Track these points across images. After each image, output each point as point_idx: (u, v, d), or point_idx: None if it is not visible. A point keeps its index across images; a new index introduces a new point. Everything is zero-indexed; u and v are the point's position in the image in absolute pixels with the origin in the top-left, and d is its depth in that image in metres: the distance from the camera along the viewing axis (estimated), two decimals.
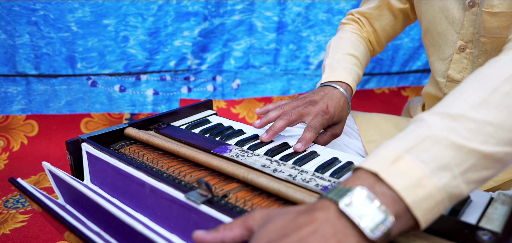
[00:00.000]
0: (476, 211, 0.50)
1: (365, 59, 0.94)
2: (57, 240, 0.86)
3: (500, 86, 0.43)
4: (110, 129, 0.76)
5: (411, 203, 0.37)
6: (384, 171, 0.38)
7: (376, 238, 0.35)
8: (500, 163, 0.42)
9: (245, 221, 0.40)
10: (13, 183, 0.58)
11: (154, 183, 0.55)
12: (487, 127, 0.41)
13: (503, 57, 0.46)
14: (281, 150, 0.70)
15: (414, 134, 0.41)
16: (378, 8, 0.95)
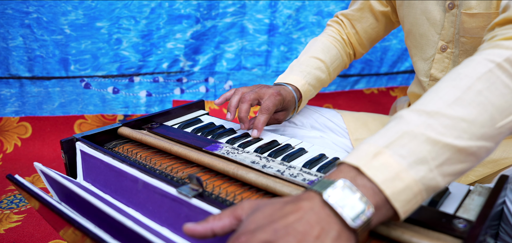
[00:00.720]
0: (454, 202, 0.53)
1: (336, 62, 0.98)
2: (52, 238, 0.87)
3: (473, 85, 0.45)
4: (104, 128, 0.78)
5: (390, 195, 0.40)
6: (365, 165, 0.41)
7: (357, 226, 0.37)
8: (473, 157, 0.44)
9: (234, 211, 0.42)
10: (11, 179, 0.60)
11: (146, 179, 0.57)
12: (461, 123, 0.43)
13: (476, 57, 0.49)
14: (270, 147, 0.72)
15: (393, 130, 0.44)
16: (360, 10, 0.98)
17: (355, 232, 0.38)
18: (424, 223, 0.46)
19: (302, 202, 0.39)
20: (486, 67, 0.46)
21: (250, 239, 0.36)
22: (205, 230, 0.42)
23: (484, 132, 0.44)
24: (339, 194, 0.39)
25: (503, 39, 0.49)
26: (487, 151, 0.46)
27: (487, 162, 0.73)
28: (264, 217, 0.38)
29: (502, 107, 0.45)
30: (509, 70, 0.46)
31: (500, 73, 0.45)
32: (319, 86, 0.94)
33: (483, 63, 0.47)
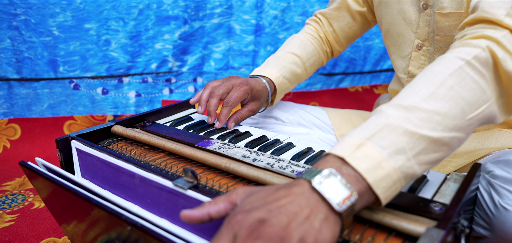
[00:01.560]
0: (431, 188, 0.57)
1: (312, 59, 1.01)
2: (46, 237, 0.89)
3: (445, 81, 0.49)
4: (98, 127, 0.80)
5: (372, 182, 0.43)
6: (349, 156, 0.44)
7: (342, 210, 0.41)
8: (446, 147, 0.48)
9: (229, 196, 0.45)
10: (24, 165, 0.62)
11: (143, 174, 0.60)
12: (435, 116, 0.47)
13: (448, 55, 0.53)
14: (259, 142, 0.75)
15: (374, 123, 0.47)
16: (337, 10, 1.02)
17: (340, 216, 0.41)
18: (404, 207, 0.50)
19: (293, 188, 0.42)
20: (457, 64, 0.50)
21: (246, 217, 0.39)
22: (202, 214, 0.45)
23: (455, 123, 0.48)
24: (326, 181, 0.42)
25: (472, 38, 0.53)
26: (459, 141, 0.50)
27: (463, 153, 0.77)
28: (258, 199, 0.41)
29: (472, 101, 0.49)
30: (477, 67, 0.50)
31: (469, 70, 0.50)
32: (295, 81, 0.98)
33: (454, 61, 0.51)
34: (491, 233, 0.60)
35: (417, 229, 0.45)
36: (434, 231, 0.43)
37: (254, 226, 0.38)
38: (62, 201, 0.63)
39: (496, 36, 0.51)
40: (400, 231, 0.47)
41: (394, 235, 0.47)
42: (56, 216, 0.73)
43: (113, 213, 0.49)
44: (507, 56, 0.50)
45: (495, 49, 0.50)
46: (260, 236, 0.37)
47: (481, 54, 0.50)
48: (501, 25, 0.52)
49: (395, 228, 0.47)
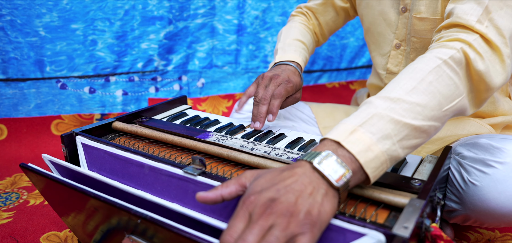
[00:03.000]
0: (410, 168, 0.66)
1: (311, 46, 1.08)
2: (46, 231, 0.92)
3: (426, 77, 0.57)
4: (99, 123, 0.84)
5: (363, 163, 0.50)
6: (344, 140, 0.51)
7: (339, 186, 0.48)
8: (425, 134, 0.56)
9: (239, 179, 0.51)
10: (25, 167, 0.65)
11: (153, 163, 0.65)
12: (417, 107, 0.55)
13: (428, 55, 0.61)
14: (254, 134, 0.82)
15: (365, 112, 0.55)
16: (323, 5, 1.09)
17: (338, 190, 0.48)
18: (389, 184, 0.58)
19: (296, 169, 0.49)
20: (435, 63, 0.58)
21: (258, 197, 0.45)
22: (216, 196, 0.50)
23: (433, 114, 0.56)
24: (325, 161, 0.49)
25: (448, 40, 0.61)
26: (436, 129, 0.58)
27: (435, 140, 0.86)
28: (266, 181, 0.48)
29: (447, 95, 0.57)
30: (453, 66, 0.58)
31: (446, 68, 0.58)
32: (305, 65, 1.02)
33: (433, 60, 0.59)
34: (461, 206, 0.69)
35: (402, 200, 0.53)
36: (416, 201, 0.51)
37: (266, 205, 0.44)
38: (68, 198, 0.66)
39: (469, 39, 0.59)
40: (388, 203, 0.54)
41: (382, 207, 0.55)
42: (59, 210, 0.76)
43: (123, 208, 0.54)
44: (478, 57, 0.58)
45: (468, 51, 0.58)
46: (273, 212, 0.43)
47: (456, 55, 0.58)
48: (472, 30, 0.60)
49: (383, 201, 0.54)
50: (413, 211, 0.49)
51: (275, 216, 0.42)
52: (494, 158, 0.64)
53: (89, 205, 0.60)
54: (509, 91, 0.89)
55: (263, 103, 0.82)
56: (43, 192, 0.73)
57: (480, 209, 0.65)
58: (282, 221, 0.42)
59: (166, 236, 0.51)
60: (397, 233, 0.44)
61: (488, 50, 0.59)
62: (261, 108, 0.82)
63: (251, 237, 0.41)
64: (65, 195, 0.64)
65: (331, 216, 0.46)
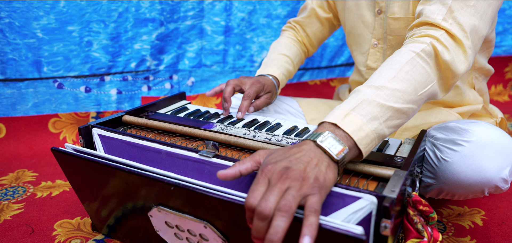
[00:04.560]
0: (392, 149, 0.77)
1: (297, 58, 1.20)
2: (58, 219, 0.98)
3: (402, 67, 0.68)
4: (111, 117, 0.91)
5: (357, 140, 0.61)
6: (340, 122, 0.62)
7: (339, 159, 0.58)
8: (405, 115, 0.67)
9: (253, 157, 0.61)
10: (56, 150, 0.73)
11: (169, 149, 0.74)
12: (397, 93, 0.66)
13: (403, 49, 0.72)
14: (254, 123, 0.91)
15: (355, 99, 0.65)
16: (308, 17, 1.21)
17: (337, 163, 0.58)
18: (376, 161, 0.69)
19: (303, 146, 0.59)
20: (410, 55, 0.69)
21: (274, 166, 0.55)
22: (235, 172, 0.59)
23: (411, 98, 0.67)
24: (326, 139, 0.59)
25: (419, 36, 0.72)
26: (413, 111, 0.69)
27: (411, 127, 0.98)
28: (279, 155, 0.57)
29: (421, 81, 0.68)
30: (424, 58, 0.69)
31: (418, 60, 0.69)
32: (288, 77, 1.15)
33: (408, 53, 0.70)
34: (435, 180, 0.81)
35: (388, 172, 0.64)
36: (400, 172, 0.62)
37: (282, 172, 0.53)
38: (96, 177, 0.74)
39: (436, 35, 0.70)
40: (376, 175, 0.65)
41: (372, 179, 0.65)
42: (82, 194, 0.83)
43: (155, 178, 0.62)
44: (444, 49, 0.70)
45: (436, 44, 0.70)
46: (288, 177, 0.53)
47: (427, 48, 0.69)
48: (439, 27, 0.72)
49: (373, 174, 0.65)
50: (398, 179, 0.60)
51: (290, 180, 0.52)
52: (461, 137, 0.76)
53: (121, 179, 0.68)
54: (474, 83, 1.02)
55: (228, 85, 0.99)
56: (71, 176, 0.80)
57: (451, 182, 0.77)
58: (296, 184, 0.52)
59: (196, 201, 0.60)
60: (387, 194, 0.55)
61: (453, 43, 0.71)
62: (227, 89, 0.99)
63: (272, 197, 0.50)
64: (96, 173, 0.71)
65: (333, 183, 0.56)
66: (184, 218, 0.65)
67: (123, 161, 0.70)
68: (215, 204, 0.58)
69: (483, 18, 0.74)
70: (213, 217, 0.62)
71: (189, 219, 0.64)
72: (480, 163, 0.73)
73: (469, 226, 0.95)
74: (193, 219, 0.64)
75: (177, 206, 0.64)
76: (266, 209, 0.49)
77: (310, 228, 0.48)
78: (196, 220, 0.64)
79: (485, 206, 1.03)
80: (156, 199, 0.67)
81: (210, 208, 0.60)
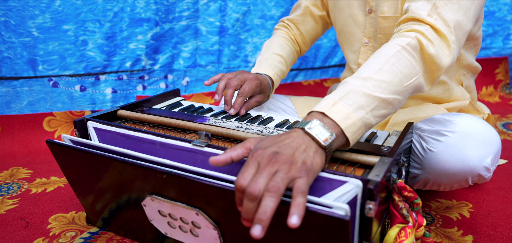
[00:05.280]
0: (380, 140, 0.79)
1: (291, 57, 1.20)
2: (53, 213, 0.99)
3: (389, 60, 0.70)
4: (105, 111, 0.93)
5: (344, 128, 0.63)
6: (328, 111, 0.64)
7: (326, 145, 0.60)
8: (391, 105, 0.70)
9: (244, 144, 0.62)
10: (51, 142, 0.74)
11: (164, 140, 0.75)
12: (383, 84, 0.68)
13: (390, 43, 0.74)
14: (246, 117, 0.93)
15: (342, 89, 0.67)
16: (302, 15, 1.22)
17: (325, 150, 0.60)
18: (363, 150, 0.71)
19: (291, 133, 0.61)
20: (396, 49, 0.72)
21: (264, 151, 0.56)
22: (226, 158, 0.61)
23: (396, 89, 0.69)
24: (314, 127, 0.61)
25: (405, 31, 0.75)
26: (399, 102, 0.71)
27: (400, 122, 1.00)
28: (268, 142, 0.59)
29: (407, 73, 0.71)
30: (410, 51, 0.72)
31: (404, 53, 0.71)
32: (282, 77, 1.15)
33: (394, 46, 0.72)
34: (422, 170, 0.83)
35: (374, 160, 0.66)
36: (385, 158, 0.64)
37: (271, 156, 0.55)
38: (91, 169, 0.76)
39: (421, 29, 0.73)
40: (362, 163, 0.67)
41: (358, 167, 0.67)
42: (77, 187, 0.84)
43: (148, 167, 0.64)
44: (429, 43, 0.72)
45: (421, 38, 0.72)
46: (277, 161, 0.55)
47: (412, 42, 0.72)
48: (424, 22, 0.74)
49: (359, 161, 0.67)
50: (383, 165, 0.62)
51: (279, 163, 0.54)
52: (446, 128, 0.78)
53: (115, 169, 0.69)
54: (462, 80, 1.05)
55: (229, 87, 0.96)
56: (66, 169, 0.81)
57: (437, 171, 0.80)
58: (285, 167, 0.54)
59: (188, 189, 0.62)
60: (372, 178, 0.57)
61: (437, 37, 0.73)
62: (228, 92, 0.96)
63: (261, 179, 0.52)
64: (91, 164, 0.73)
65: (321, 168, 0.58)
66: (176, 206, 0.67)
67: (118, 150, 0.71)
68: (206, 191, 0.59)
69: (466, 14, 0.76)
70: (205, 204, 0.64)
71: (181, 206, 0.66)
72: (463, 152, 0.76)
73: (457, 217, 0.97)
74: (185, 207, 0.66)
75: (170, 195, 0.66)
76: (256, 190, 0.51)
77: (297, 208, 0.50)
78: (188, 207, 0.65)
79: (473, 199, 1.06)
80: (149, 188, 0.68)
81: (202, 195, 0.62)
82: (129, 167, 0.66)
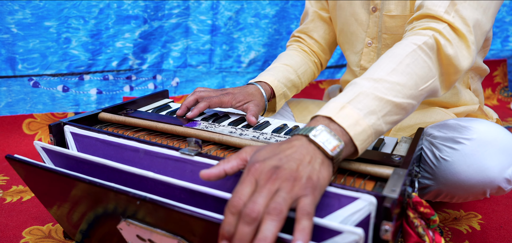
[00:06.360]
0: (389, 147, 0.72)
1: (303, 67, 1.07)
2: (28, 225, 0.90)
3: (403, 60, 0.63)
4: (85, 114, 0.85)
5: (353, 135, 0.55)
6: (335, 115, 0.56)
7: (334, 155, 0.52)
8: (404, 110, 0.62)
9: (239, 154, 0.55)
10: (11, 158, 0.65)
11: (148, 147, 0.67)
12: (397, 86, 0.61)
13: (404, 41, 0.67)
14: (240, 122, 0.85)
15: (351, 92, 0.60)
16: (312, 22, 1.13)
17: (332, 160, 0.53)
18: (372, 160, 0.63)
19: (293, 142, 0.53)
20: (411, 48, 0.64)
21: (263, 165, 0.49)
22: (219, 171, 0.53)
23: (411, 92, 0.62)
24: (320, 134, 0.53)
25: (420, 29, 0.68)
26: (413, 107, 0.64)
27: (406, 127, 0.93)
28: (268, 153, 0.51)
29: (422, 76, 0.63)
30: (426, 51, 0.64)
31: (420, 52, 0.64)
32: (291, 86, 1.03)
33: (409, 46, 0.65)
34: (434, 181, 0.76)
35: (386, 171, 0.58)
36: (399, 170, 0.57)
37: (271, 171, 0.48)
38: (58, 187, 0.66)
39: (439, 28, 0.66)
40: (373, 175, 0.59)
41: (368, 179, 0.60)
42: (46, 201, 0.76)
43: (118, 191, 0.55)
44: (447, 43, 0.65)
45: (439, 38, 0.65)
46: (278, 178, 0.47)
47: (429, 41, 0.65)
48: (441, 20, 0.67)
49: (369, 173, 0.60)
50: (398, 178, 0.54)
51: (281, 180, 0.46)
52: (462, 135, 0.71)
53: (82, 191, 0.61)
54: (470, 83, 0.98)
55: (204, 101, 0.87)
56: (30, 184, 0.72)
57: (451, 182, 0.72)
58: (287, 185, 0.46)
59: (166, 217, 0.53)
60: (387, 194, 0.49)
61: (455, 37, 0.66)
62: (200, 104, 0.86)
63: (261, 199, 0.44)
64: (55, 184, 0.64)
65: (328, 182, 0.51)
66: (156, 233, 0.58)
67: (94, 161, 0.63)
68: (187, 220, 0.51)
69: (486, 13, 0.70)
70: (187, 232, 0.56)
71: (161, 234, 0.58)
72: (482, 161, 0.69)
73: (467, 230, 0.90)
74: (166, 234, 0.57)
75: (148, 220, 0.57)
76: (254, 211, 0.44)
77: (302, 233, 0.42)
78: (169, 235, 0.57)
79: (482, 209, 0.99)
80: (123, 212, 0.60)
81: (183, 223, 0.54)
82: (98, 190, 0.58)
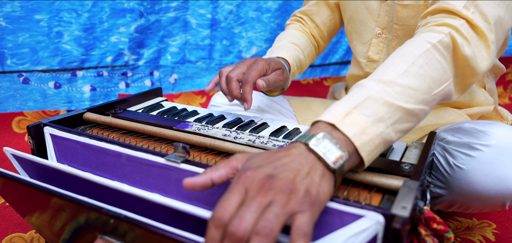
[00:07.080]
0: (397, 154, 0.65)
1: (307, 49, 1.03)
2: (10, 233, 0.85)
3: (416, 60, 0.56)
4: (69, 114, 0.79)
5: (359, 146, 0.49)
6: (339, 122, 0.49)
7: (336, 168, 0.46)
8: (416, 117, 0.55)
9: (229, 162, 0.48)
10: None
11: (131, 152, 0.61)
12: (408, 90, 0.54)
13: (416, 39, 0.60)
14: (236, 124, 0.79)
15: (358, 95, 0.53)
16: (316, 5, 1.07)
17: (334, 173, 0.46)
18: (379, 169, 0.56)
19: (292, 150, 0.46)
20: (425, 47, 0.57)
21: (255, 173, 0.42)
22: (205, 180, 0.47)
23: (424, 97, 0.55)
24: (321, 143, 0.47)
25: (435, 25, 0.61)
26: (425, 113, 0.57)
27: (416, 129, 0.86)
28: (262, 160, 0.45)
29: (436, 78, 0.56)
30: (441, 50, 0.58)
31: (435, 52, 0.57)
32: (299, 66, 0.98)
33: (423, 44, 0.58)
34: (447, 191, 0.69)
35: (395, 183, 0.51)
36: (410, 182, 0.50)
37: (264, 181, 0.41)
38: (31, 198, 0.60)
39: (456, 24, 0.59)
40: (380, 186, 0.53)
41: (375, 191, 0.53)
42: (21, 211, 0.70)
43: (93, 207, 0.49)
44: (465, 42, 0.58)
45: (455, 36, 0.58)
46: (272, 189, 0.40)
47: (444, 39, 0.58)
48: (459, 16, 0.60)
49: (376, 184, 0.53)
50: (408, 191, 0.48)
51: (274, 192, 0.40)
52: (479, 141, 0.64)
53: (55, 204, 0.55)
54: (485, 82, 0.91)
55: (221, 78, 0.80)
56: (2, 193, 0.67)
57: (467, 193, 0.65)
58: (282, 198, 0.39)
59: (143, 235, 0.47)
60: (397, 213, 0.43)
61: (474, 35, 0.59)
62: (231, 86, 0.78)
63: (249, 214, 0.38)
64: (27, 195, 0.58)
65: (329, 197, 0.44)
66: None
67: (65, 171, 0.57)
68: (165, 242, 0.45)
69: (508, 9, 0.63)
70: None
71: None
72: (502, 171, 0.62)
73: (480, 240, 0.83)
74: None
75: (127, 238, 0.51)
76: (240, 230, 0.37)
77: None
78: None
79: (495, 218, 0.92)
80: (100, 228, 0.54)
81: None
82: (69, 204, 0.51)
